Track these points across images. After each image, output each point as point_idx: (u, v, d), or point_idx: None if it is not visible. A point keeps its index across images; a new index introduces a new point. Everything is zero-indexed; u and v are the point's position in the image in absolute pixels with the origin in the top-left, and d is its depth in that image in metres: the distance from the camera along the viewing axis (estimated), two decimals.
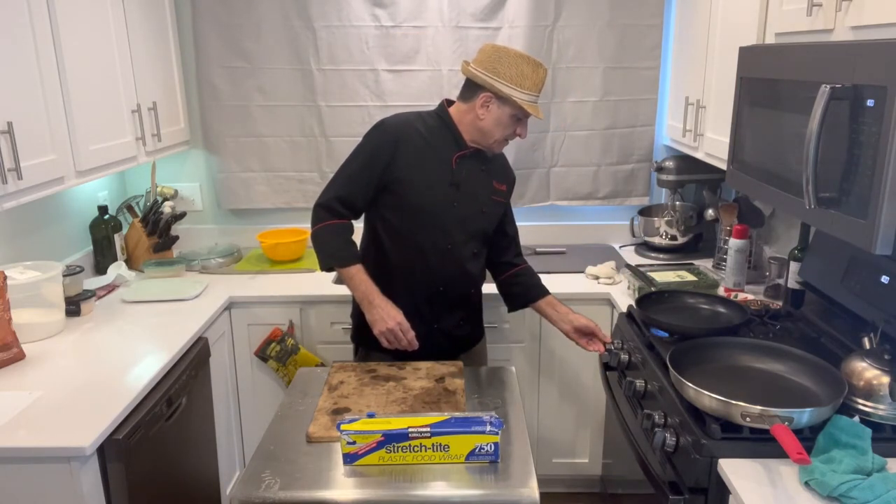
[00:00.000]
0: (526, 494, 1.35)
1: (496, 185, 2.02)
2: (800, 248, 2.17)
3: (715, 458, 1.39)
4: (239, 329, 2.51)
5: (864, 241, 1.29)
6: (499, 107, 1.85)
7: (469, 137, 1.93)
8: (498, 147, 1.95)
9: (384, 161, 1.88)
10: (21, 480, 1.51)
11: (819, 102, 1.35)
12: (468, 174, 1.95)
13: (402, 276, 1.96)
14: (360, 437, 1.41)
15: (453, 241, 1.95)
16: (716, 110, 2.27)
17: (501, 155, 2.07)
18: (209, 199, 3.05)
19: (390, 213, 1.93)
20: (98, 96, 2.15)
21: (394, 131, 1.89)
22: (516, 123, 1.88)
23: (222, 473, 2.37)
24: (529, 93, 1.84)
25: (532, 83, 1.84)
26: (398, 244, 1.95)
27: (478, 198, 1.97)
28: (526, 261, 2.17)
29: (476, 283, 2.07)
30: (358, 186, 1.90)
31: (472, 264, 2.01)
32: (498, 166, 2.04)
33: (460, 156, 1.94)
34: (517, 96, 1.82)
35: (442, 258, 1.95)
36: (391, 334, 1.84)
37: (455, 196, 1.93)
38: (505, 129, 1.88)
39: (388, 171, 1.88)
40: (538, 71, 1.84)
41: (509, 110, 1.85)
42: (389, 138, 1.88)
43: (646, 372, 1.84)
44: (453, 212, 1.93)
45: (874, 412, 1.47)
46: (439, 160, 1.92)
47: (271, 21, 2.78)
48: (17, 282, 1.94)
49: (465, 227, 1.96)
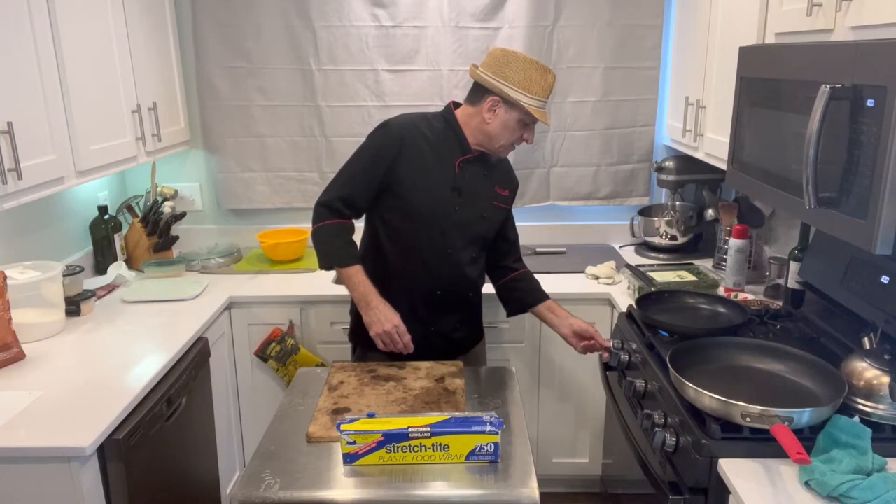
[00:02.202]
0: (526, 494, 1.35)
1: (498, 190, 2.01)
2: (800, 248, 2.17)
3: (715, 458, 1.39)
4: (239, 329, 2.51)
5: (864, 241, 1.29)
6: (506, 111, 1.85)
7: (474, 141, 1.92)
8: (504, 152, 1.94)
9: (387, 162, 1.87)
10: (21, 480, 1.51)
11: (819, 102, 1.35)
12: (471, 179, 1.95)
13: (400, 278, 1.96)
14: (360, 437, 1.41)
15: (452, 245, 1.94)
16: (716, 110, 2.27)
17: (505, 160, 2.07)
18: (209, 199, 3.05)
19: (391, 214, 1.93)
20: (98, 96, 2.15)
21: (398, 133, 1.88)
22: (523, 128, 1.88)
23: (222, 473, 2.37)
24: (537, 98, 1.84)
25: (540, 88, 1.84)
26: (397, 246, 1.95)
27: (479, 203, 1.96)
28: (525, 266, 2.16)
29: (474, 287, 2.07)
30: (360, 186, 1.90)
31: (471, 269, 2.01)
32: (501, 171, 2.04)
33: (464, 160, 1.93)
34: (525, 101, 1.82)
35: (440, 262, 1.95)
36: (387, 336, 1.84)
37: (456, 201, 1.92)
38: (511, 133, 1.88)
39: (390, 173, 1.88)
40: (546, 77, 1.84)
41: (516, 115, 1.85)
42: (393, 140, 1.87)
43: (646, 372, 1.84)
44: (454, 216, 1.93)
45: (874, 412, 1.47)
46: (442, 164, 1.91)
47: (271, 21, 2.78)
48: (17, 282, 1.94)
49: (465, 231, 1.95)
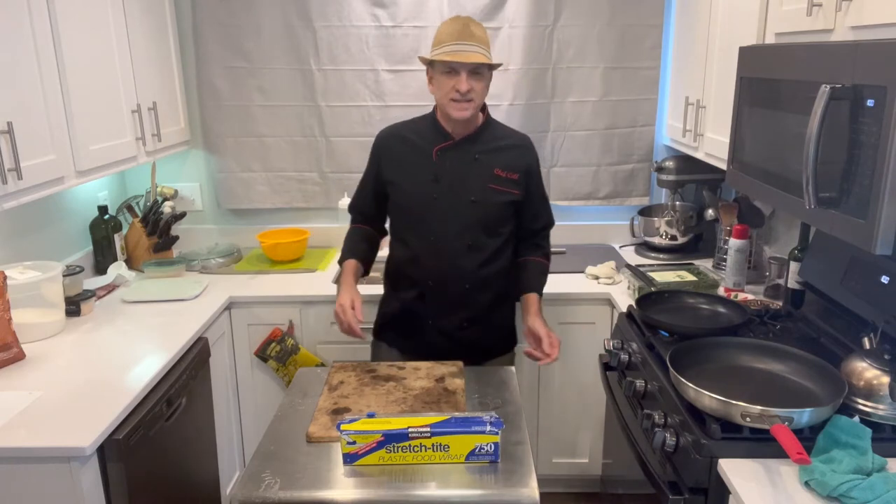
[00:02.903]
0: (526, 494, 1.34)
1: (499, 172, 1.97)
2: (800, 248, 2.17)
3: (715, 458, 1.39)
4: (239, 329, 2.51)
5: (864, 241, 1.29)
6: (434, 73, 1.91)
7: (443, 122, 1.98)
8: (455, 111, 1.88)
9: (374, 170, 2.06)
10: (21, 480, 1.51)
11: (819, 102, 1.35)
12: (452, 165, 1.96)
13: (398, 270, 2.06)
14: (360, 437, 1.41)
15: (436, 233, 1.96)
16: (716, 110, 2.27)
17: (516, 142, 2.03)
18: (209, 199, 3.05)
19: (390, 213, 2.10)
20: (98, 96, 2.15)
21: (378, 142, 2.06)
22: (451, 81, 1.87)
23: (222, 473, 2.37)
24: (445, 44, 1.85)
25: (447, 35, 1.86)
26: (394, 242, 2.09)
27: (466, 188, 1.95)
28: (543, 256, 2.11)
29: (474, 280, 1.99)
30: (362, 195, 2.14)
31: (466, 259, 1.97)
32: (509, 154, 2.00)
33: (441, 148, 1.96)
34: (435, 53, 1.86)
35: (427, 252, 1.98)
36: (335, 316, 1.90)
37: (435, 188, 1.95)
38: (444, 89, 1.88)
39: (380, 179, 2.05)
40: (455, 22, 1.87)
41: (439, 70, 1.88)
42: (375, 150, 2.07)
43: (646, 372, 1.84)
44: (435, 205, 1.95)
45: (874, 412, 1.47)
46: (420, 156, 1.98)
47: (271, 21, 2.78)
48: (17, 282, 1.94)
49: (450, 218, 1.95)
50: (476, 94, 1.87)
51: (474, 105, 1.89)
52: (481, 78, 1.88)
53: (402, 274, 2.05)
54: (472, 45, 1.84)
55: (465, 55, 1.83)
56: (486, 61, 1.86)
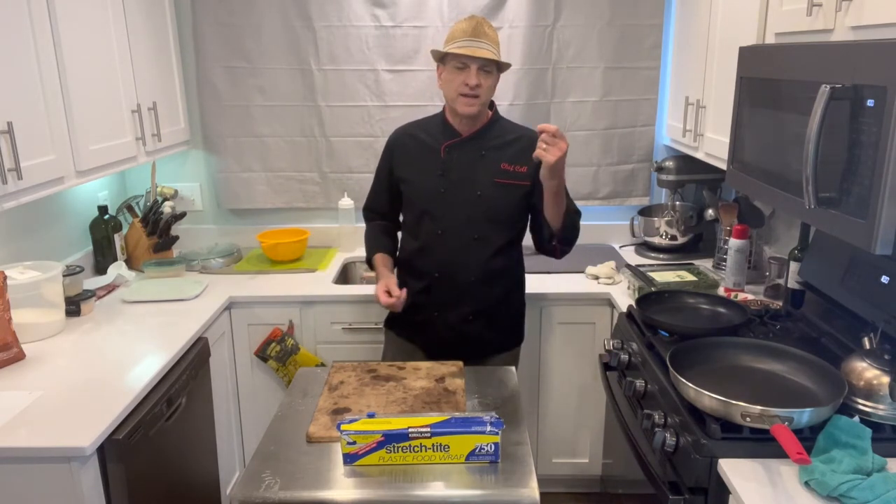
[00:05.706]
0: (526, 494, 1.34)
1: (506, 167, 2.00)
2: (800, 248, 2.17)
3: (715, 458, 1.39)
4: (239, 329, 2.51)
5: (864, 241, 1.29)
6: (444, 69, 1.96)
7: (451, 120, 2.02)
8: (463, 106, 1.93)
9: (387, 167, 2.13)
10: (21, 480, 1.51)
11: (819, 102, 1.35)
12: (459, 160, 2.01)
13: (406, 261, 2.13)
14: (360, 437, 1.41)
15: (443, 226, 2.02)
16: (716, 110, 2.27)
17: (523, 136, 2.03)
18: (209, 199, 3.05)
19: (403, 209, 2.16)
20: (98, 96, 2.15)
21: (391, 140, 2.14)
22: (461, 76, 1.91)
23: (222, 473, 2.37)
24: (457, 40, 1.90)
25: (461, 31, 1.91)
26: (405, 235, 2.16)
27: (474, 182, 2.00)
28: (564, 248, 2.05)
29: (480, 272, 2.01)
30: (376, 194, 2.22)
31: (473, 251, 2.01)
32: (517, 148, 2.01)
33: (449, 144, 2.01)
34: (449, 47, 1.91)
35: (434, 244, 2.03)
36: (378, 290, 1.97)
37: (442, 183, 2.01)
38: (453, 84, 1.93)
39: (392, 176, 2.12)
40: (469, 21, 1.92)
41: (449, 66, 1.93)
42: (387, 147, 2.15)
43: (646, 372, 1.84)
44: (442, 198, 2.01)
45: (874, 412, 1.47)
46: (429, 153, 2.04)
47: (271, 21, 2.78)
48: (17, 282, 1.94)
49: (458, 212, 2.01)
50: (483, 91, 1.93)
51: (481, 101, 1.94)
52: (490, 75, 1.93)
53: (410, 265, 2.11)
54: (484, 42, 1.90)
55: (477, 51, 1.89)
56: (496, 58, 1.92)
